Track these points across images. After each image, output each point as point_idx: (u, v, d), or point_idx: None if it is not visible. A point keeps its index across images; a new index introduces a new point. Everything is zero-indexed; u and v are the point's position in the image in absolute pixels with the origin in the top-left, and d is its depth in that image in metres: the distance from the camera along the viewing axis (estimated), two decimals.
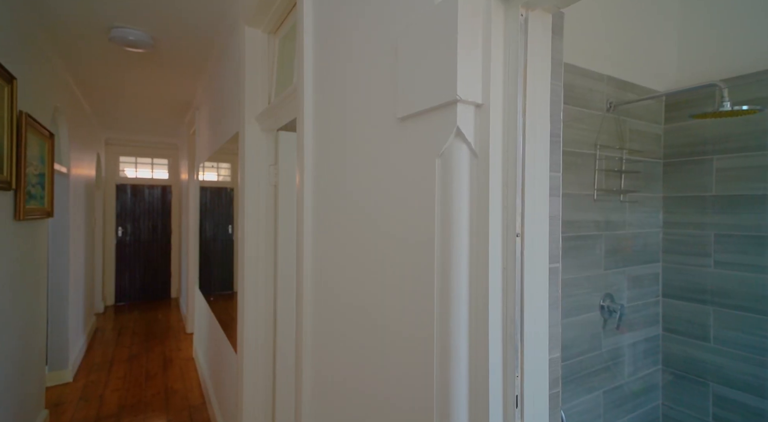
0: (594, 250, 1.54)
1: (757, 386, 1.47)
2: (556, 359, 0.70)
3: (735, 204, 1.54)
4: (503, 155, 0.62)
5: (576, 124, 1.49)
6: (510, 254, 0.61)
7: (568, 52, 1.47)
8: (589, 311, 1.53)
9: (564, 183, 1.46)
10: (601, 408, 1.55)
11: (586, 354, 1.50)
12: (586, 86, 1.50)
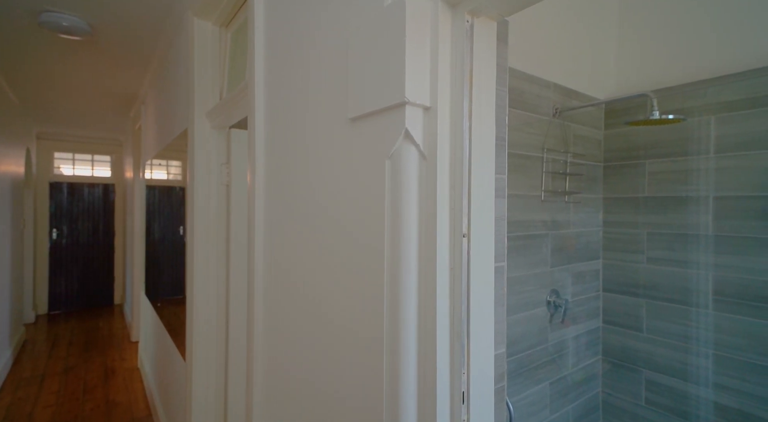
0: (541, 248, 1.62)
1: (681, 370, 1.62)
2: (501, 354, 0.72)
3: (664, 205, 1.69)
4: (451, 158, 0.63)
5: (525, 128, 1.56)
6: (457, 254, 0.63)
7: (519, 60, 1.54)
8: (536, 307, 1.60)
9: (514, 185, 1.52)
10: (548, 399, 1.63)
11: (534, 348, 1.58)
12: (535, 92, 1.58)
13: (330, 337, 0.79)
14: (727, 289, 1.50)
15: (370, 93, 0.65)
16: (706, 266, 1.55)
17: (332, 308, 0.78)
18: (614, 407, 1.83)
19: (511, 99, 1.50)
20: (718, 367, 1.52)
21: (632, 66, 1.85)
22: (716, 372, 1.52)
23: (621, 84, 1.89)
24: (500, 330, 0.73)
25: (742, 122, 1.47)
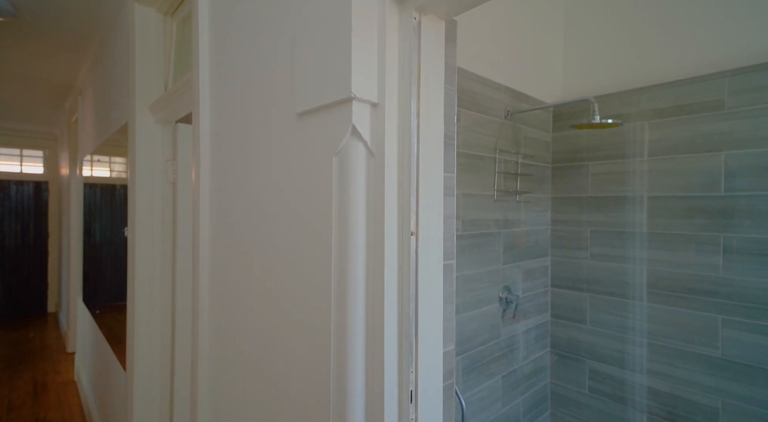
0: (494, 246, 1.67)
1: (620, 359, 1.73)
2: (450, 352, 0.73)
3: (605, 204, 1.80)
4: (399, 155, 0.63)
5: (478, 129, 1.60)
6: (405, 253, 0.63)
7: (472, 63, 1.57)
8: (489, 303, 1.65)
9: (468, 184, 1.55)
10: (500, 392, 1.68)
11: (486, 343, 1.62)
12: (487, 95, 1.62)
13: (278, 339, 0.76)
14: (659, 282, 1.63)
15: (316, 88, 0.63)
16: (641, 261, 1.67)
17: (280, 310, 0.75)
18: (561, 396, 1.92)
19: (465, 100, 1.53)
20: (652, 354, 1.64)
21: (577, 73, 1.95)
22: (650, 359, 1.64)
23: (567, 89, 1.99)
24: (449, 328, 0.74)
25: (670, 128, 1.59)
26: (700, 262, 1.52)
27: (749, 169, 1.41)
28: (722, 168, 1.48)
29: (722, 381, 1.47)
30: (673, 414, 1.58)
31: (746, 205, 1.42)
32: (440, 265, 0.69)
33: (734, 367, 1.44)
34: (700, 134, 1.52)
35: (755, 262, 1.40)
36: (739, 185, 1.44)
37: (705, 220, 1.51)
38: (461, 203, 1.53)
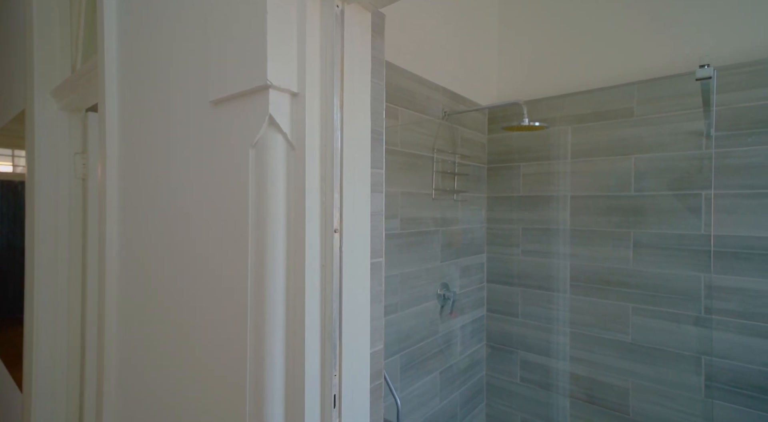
0: (432, 244, 1.70)
1: (546, 348, 1.84)
2: (378, 352, 0.71)
3: (534, 203, 1.90)
4: (321, 148, 0.60)
5: (417, 128, 1.61)
6: (328, 251, 0.60)
7: (411, 62, 1.58)
8: (428, 300, 1.67)
9: (406, 183, 1.56)
10: (438, 387, 1.72)
11: (425, 340, 1.65)
12: (425, 94, 1.64)
13: (190, 343, 0.69)
14: (580, 275, 1.75)
15: (231, 74, 0.59)
16: (564, 256, 1.80)
17: (194, 316, 0.69)
18: (496, 387, 2.01)
19: (403, 99, 1.54)
20: (573, 342, 1.76)
21: (510, 78, 2.05)
22: (572, 347, 1.77)
23: (501, 93, 2.08)
24: (377, 327, 0.72)
25: (589, 133, 1.73)
26: (614, 256, 1.67)
27: (654, 171, 1.57)
28: (632, 170, 1.63)
29: (632, 363, 1.62)
30: (592, 396, 1.72)
31: (651, 204, 1.58)
32: (367, 263, 0.68)
33: (641, 350, 1.59)
34: (614, 139, 1.67)
35: (658, 255, 1.56)
36: (646, 186, 1.59)
37: (618, 217, 1.66)
38: (400, 202, 1.53)
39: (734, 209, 1.40)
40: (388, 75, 1.47)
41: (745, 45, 1.44)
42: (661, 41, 1.61)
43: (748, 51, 1.44)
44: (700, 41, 1.53)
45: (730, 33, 1.47)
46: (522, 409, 1.92)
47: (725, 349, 1.42)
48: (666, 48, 1.60)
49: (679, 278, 1.51)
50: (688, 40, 1.56)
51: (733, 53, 1.46)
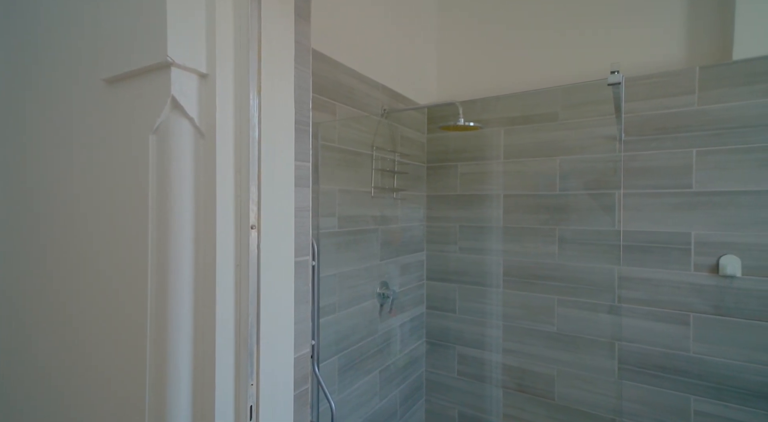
0: (372, 243, 1.68)
1: (480, 341, 1.91)
2: (304, 356, 0.67)
3: (471, 202, 1.96)
4: (236, 137, 0.55)
5: (356, 125, 1.58)
6: (244, 249, 0.55)
7: (350, 58, 1.55)
8: (367, 299, 1.65)
9: (344, 180, 1.53)
10: (378, 386, 1.70)
11: (364, 340, 1.62)
12: (365, 91, 1.62)
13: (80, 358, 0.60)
14: (512, 270, 1.84)
15: (126, 48, 0.51)
16: (498, 252, 1.87)
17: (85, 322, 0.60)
18: (435, 383, 2.04)
19: (342, 95, 1.50)
20: (506, 335, 1.85)
21: (449, 79, 2.10)
22: (505, 339, 1.85)
23: (441, 93, 2.13)
24: (303, 330, 0.68)
25: (520, 134, 1.82)
26: (542, 251, 1.77)
27: (575, 172, 1.69)
28: (557, 171, 1.74)
29: (557, 352, 1.73)
30: (522, 385, 1.81)
31: (574, 202, 1.70)
32: (291, 262, 0.63)
33: (565, 339, 1.71)
34: (541, 141, 1.77)
35: (579, 249, 1.68)
36: (569, 186, 1.71)
37: (546, 215, 1.76)
38: (338, 199, 1.49)
39: (640, 207, 1.56)
40: (327, 70, 1.42)
41: (648, 59, 1.60)
42: (581, 51, 1.74)
43: (651, 64, 1.60)
44: (613, 53, 1.68)
45: (637, 48, 1.63)
46: (459, 402, 1.98)
47: (634, 334, 1.57)
48: (585, 57, 1.74)
49: (597, 270, 1.64)
50: (604, 51, 1.70)
51: (639, 66, 1.62)
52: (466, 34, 2.05)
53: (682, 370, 1.48)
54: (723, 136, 1.41)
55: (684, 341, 1.48)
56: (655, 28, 1.60)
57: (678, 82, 1.49)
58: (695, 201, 1.46)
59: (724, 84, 1.41)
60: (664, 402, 1.52)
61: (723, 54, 1.47)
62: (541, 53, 1.85)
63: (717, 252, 1.42)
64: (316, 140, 1.37)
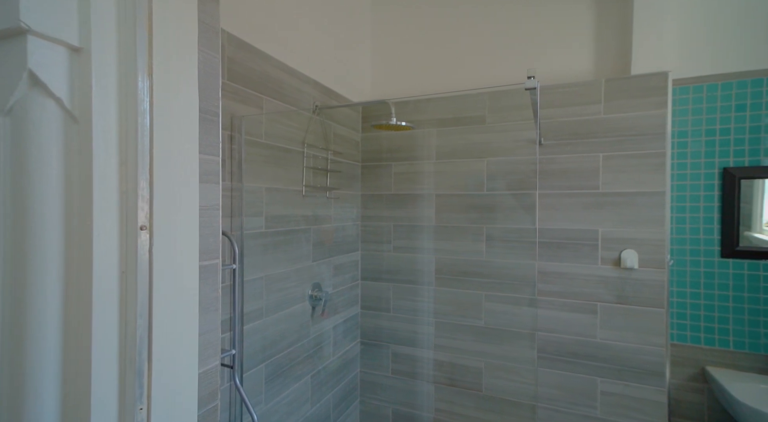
0: (303, 243, 1.62)
1: (413, 339, 1.94)
2: (211, 370, 0.61)
3: (404, 201, 1.98)
4: (121, 124, 0.47)
5: (285, 120, 1.51)
6: (131, 253, 0.47)
7: (280, 50, 1.48)
8: (298, 302, 1.59)
9: (272, 178, 1.45)
10: (309, 392, 1.65)
11: (295, 345, 1.56)
12: (295, 86, 1.56)
13: None
14: (443, 268, 1.89)
15: None
16: (430, 251, 1.91)
17: None
18: (370, 383, 2.03)
19: (270, 88, 1.42)
20: (438, 331, 1.89)
21: (383, 78, 2.10)
22: (436, 335, 1.90)
23: (375, 93, 2.12)
24: (211, 341, 0.62)
25: (451, 136, 1.87)
26: (471, 249, 1.84)
27: (501, 173, 1.78)
28: (485, 172, 1.81)
29: (484, 345, 1.80)
30: (452, 379, 1.86)
31: (499, 202, 1.79)
32: (195, 266, 0.57)
33: (492, 333, 1.79)
34: (471, 143, 1.84)
35: (504, 247, 1.77)
36: (496, 186, 1.79)
37: (475, 214, 1.83)
38: (265, 198, 1.41)
39: (557, 207, 1.68)
40: (253, 61, 1.34)
41: (563, 71, 1.74)
42: (507, 59, 1.84)
43: (566, 75, 1.73)
44: (534, 63, 1.79)
45: (555, 60, 1.75)
46: (393, 401, 1.98)
47: (550, 324, 1.69)
48: (510, 66, 1.84)
49: (519, 266, 1.74)
50: (526, 61, 1.81)
51: (556, 76, 1.75)
52: (401, 34, 2.07)
53: (590, 355, 1.63)
54: (623, 142, 1.57)
55: (592, 328, 1.62)
56: (570, 44, 1.74)
57: (587, 92, 1.63)
58: (602, 201, 1.61)
59: (624, 96, 1.57)
60: (575, 386, 1.65)
61: (624, 69, 1.64)
62: (471, 58, 1.92)
63: (619, 247, 1.58)
64: (239, 134, 1.28)
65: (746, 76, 1.56)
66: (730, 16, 1.58)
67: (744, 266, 1.58)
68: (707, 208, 1.63)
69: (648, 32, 1.56)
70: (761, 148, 1.55)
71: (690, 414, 1.65)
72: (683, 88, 1.65)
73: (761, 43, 1.54)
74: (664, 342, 1.52)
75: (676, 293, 1.67)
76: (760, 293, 1.56)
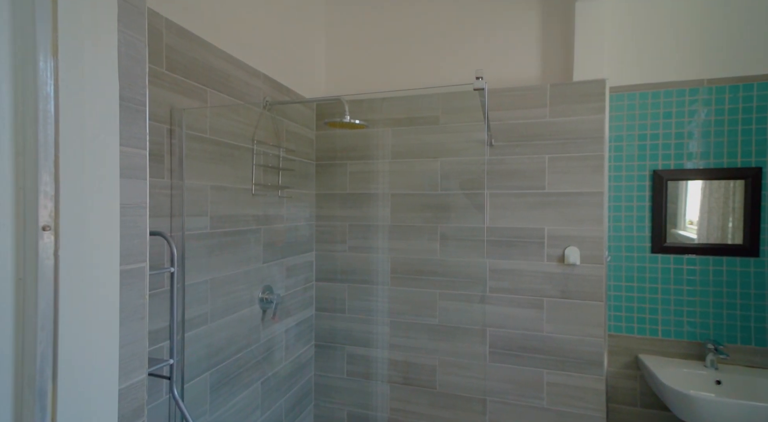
0: (253, 244, 1.55)
1: (368, 339, 1.93)
2: (137, 384, 0.55)
3: (360, 200, 1.96)
4: (17, 110, 0.41)
5: (232, 115, 1.44)
6: (30, 257, 0.42)
7: (226, 42, 1.40)
8: (248, 306, 1.52)
9: (219, 176, 1.37)
10: (260, 399, 1.58)
11: (243, 351, 1.49)
12: (243, 79, 1.48)
13: None
14: (399, 267, 1.89)
15: None
16: (386, 250, 1.91)
17: None
18: (324, 386, 1.99)
19: (214, 80, 1.35)
20: (393, 331, 1.89)
21: (338, 76, 2.07)
22: (392, 335, 1.89)
23: (330, 90, 2.08)
24: (137, 352, 0.56)
25: (406, 136, 1.88)
26: (426, 248, 1.85)
27: (454, 173, 1.81)
28: (439, 172, 1.84)
29: (438, 343, 1.83)
30: (408, 378, 1.87)
31: (453, 201, 1.82)
32: (115, 271, 0.51)
33: (445, 330, 1.82)
34: (425, 143, 1.85)
35: (457, 245, 1.80)
36: (449, 186, 1.82)
37: (429, 213, 1.85)
38: (210, 197, 1.33)
39: (507, 206, 1.74)
40: (195, 50, 1.25)
41: (513, 75, 1.80)
42: (460, 62, 1.88)
43: (515, 79, 1.80)
44: (486, 66, 1.84)
45: (505, 64, 1.81)
46: (348, 403, 1.96)
47: (501, 320, 1.74)
48: (463, 68, 1.87)
49: (472, 264, 1.78)
50: (478, 64, 1.86)
51: (506, 80, 1.81)
52: (356, 33, 2.04)
53: (537, 348, 1.70)
54: (567, 145, 1.66)
55: (538, 323, 1.69)
56: (519, 50, 1.80)
57: (534, 96, 1.70)
58: (548, 201, 1.68)
59: (567, 101, 1.65)
60: (523, 378, 1.72)
61: (567, 75, 1.73)
62: (425, 60, 1.93)
63: (563, 244, 1.66)
64: (180, 128, 1.19)
65: (672, 87, 1.70)
66: (658, 31, 1.72)
67: (670, 260, 1.72)
68: (639, 207, 1.75)
69: (588, 42, 1.66)
70: (684, 152, 1.70)
71: (625, 399, 1.77)
72: (619, 95, 1.76)
73: (685, 57, 1.69)
74: (603, 333, 1.62)
75: (613, 287, 1.79)
76: (684, 284, 1.70)
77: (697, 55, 1.68)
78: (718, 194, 1.66)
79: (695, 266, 1.69)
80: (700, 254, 1.68)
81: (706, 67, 1.67)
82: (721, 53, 1.65)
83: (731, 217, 1.65)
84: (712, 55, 1.66)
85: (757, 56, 1.62)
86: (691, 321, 1.70)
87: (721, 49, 1.65)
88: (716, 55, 1.66)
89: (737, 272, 1.65)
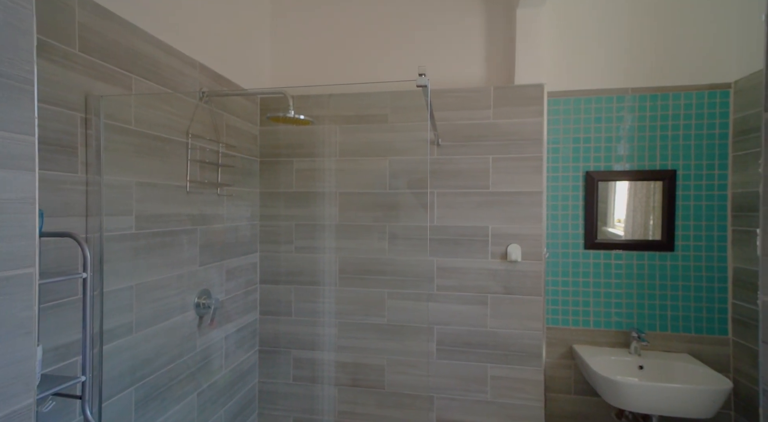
0: (188, 246, 1.44)
1: (315, 342, 1.88)
2: (19, 411, 0.47)
3: (307, 199, 1.90)
4: None
5: (163, 105, 1.32)
6: None
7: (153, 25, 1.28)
8: (182, 312, 1.41)
9: (147, 171, 1.25)
10: (196, 412, 1.47)
11: (176, 361, 1.38)
12: (176, 67, 1.37)
13: None
14: (347, 267, 1.85)
15: None
16: (334, 250, 1.86)
17: None
18: (270, 393, 1.91)
19: (141, 67, 1.23)
20: (341, 332, 1.85)
21: (284, 71, 1.99)
22: (339, 336, 1.86)
23: (276, 85, 1.99)
24: (19, 373, 0.48)
25: (354, 134, 1.85)
26: (375, 247, 1.83)
27: (402, 172, 1.81)
28: (387, 170, 1.83)
29: (386, 342, 1.82)
30: (356, 379, 1.84)
31: (401, 200, 1.81)
32: None
33: (393, 329, 1.81)
34: (374, 141, 1.83)
35: (406, 244, 1.80)
36: (398, 184, 1.82)
37: (378, 212, 1.83)
38: (136, 194, 1.21)
39: (453, 205, 1.77)
40: (118, 32, 1.13)
41: (459, 77, 1.84)
42: (408, 62, 1.88)
43: (461, 81, 1.83)
44: (433, 67, 1.86)
45: (451, 65, 1.84)
46: (295, 409, 1.89)
47: (448, 317, 1.77)
48: (409, 67, 1.88)
49: (420, 263, 1.79)
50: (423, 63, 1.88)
51: (452, 81, 1.84)
52: (302, 28, 1.98)
53: (482, 343, 1.74)
54: (509, 146, 1.71)
55: (483, 318, 1.74)
56: (464, 53, 1.84)
57: (479, 98, 1.74)
58: (491, 200, 1.73)
59: (509, 103, 1.71)
60: (469, 374, 1.75)
61: (509, 79, 1.79)
62: (373, 58, 1.92)
63: (506, 242, 1.72)
64: (97, 117, 1.07)
65: (602, 94, 1.83)
66: (590, 41, 1.83)
67: (600, 256, 1.84)
68: (574, 206, 1.86)
69: (528, 48, 1.73)
70: (613, 155, 1.83)
71: (561, 388, 1.88)
72: (556, 100, 1.86)
73: (613, 67, 1.82)
74: (542, 326, 1.69)
75: (551, 282, 1.88)
76: (612, 278, 1.83)
77: (623, 66, 1.81)
78: (641, 195, 1.81)
79: (622, 261, 1.82)
80: (626, 250, 1.82)
81: (631, 76, 1.81)
82: (645, 64, 1.80)
83: (652, 215, 1.80)
84: (636, 66, 1.80)
85: (673, 69, 1.78)
86: (618, 311, 1.83)
87: (645, 60, 1.80)
88: (640, 66, 1.80)
89: (656, 265, 1.80)
